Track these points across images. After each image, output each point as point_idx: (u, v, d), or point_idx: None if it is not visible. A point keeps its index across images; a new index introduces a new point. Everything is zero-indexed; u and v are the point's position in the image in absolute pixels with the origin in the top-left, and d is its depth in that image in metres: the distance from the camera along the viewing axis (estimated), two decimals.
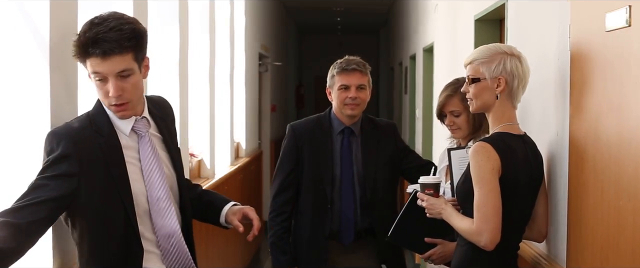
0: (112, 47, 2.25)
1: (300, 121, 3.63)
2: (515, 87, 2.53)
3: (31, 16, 2.54)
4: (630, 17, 2.02)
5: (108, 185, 2.36)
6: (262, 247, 8.85)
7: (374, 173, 3.46)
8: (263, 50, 9.69)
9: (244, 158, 7.80)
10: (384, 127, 3.59)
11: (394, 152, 3.54)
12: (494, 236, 2.41)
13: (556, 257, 2.71)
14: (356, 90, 3.41)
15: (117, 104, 2.34)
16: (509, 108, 2.55)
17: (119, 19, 2.31)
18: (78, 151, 2.31)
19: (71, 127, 2.38)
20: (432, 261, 3.08)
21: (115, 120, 2.42)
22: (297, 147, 3.50)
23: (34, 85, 2.55)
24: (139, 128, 2.46)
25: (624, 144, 2.06)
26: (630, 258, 2.01)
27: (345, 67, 3.42)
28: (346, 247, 3.47)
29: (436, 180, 2.78)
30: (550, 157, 2.75)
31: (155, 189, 2.45)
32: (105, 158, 2.36)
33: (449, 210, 2.61)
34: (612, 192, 2.14)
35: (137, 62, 2.35)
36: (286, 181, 3.51)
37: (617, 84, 2.13)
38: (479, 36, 4.48)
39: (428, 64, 7.44)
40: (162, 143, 2.56)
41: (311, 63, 18.97)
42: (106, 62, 2.27)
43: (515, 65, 2.52)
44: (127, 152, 2.43)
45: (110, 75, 2.29)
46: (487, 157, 2.43)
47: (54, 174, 2.27)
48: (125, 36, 2.28)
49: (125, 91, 2.33)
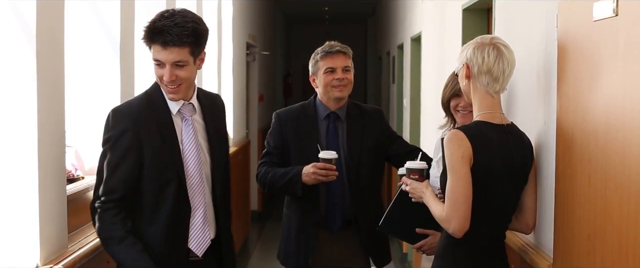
0: (173, 40, 2.58)
1: (285, 108, 3.64)
2: (476, 73, 2.54)
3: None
4: (618, 7, 2.02)
5: (164, 152, 2.70)
6: (250, 237, 8.85)
7: (358, 159, 3.46)
8: (251, 39, 9.66)
9: (231, 147, 7.78)
10: (370, 112, 3.59)
11: (379, 138, 3.54)
12: (461, 224, 2.43)
13: (543, 246, 2.72)
14: (342, 72, 3.41)
15: (169, 86, 2.66)
16: (485, 96, 2.56)
17: (185, 17, 2.62)
18: (135, 124, 2.67)
19: (130, 104, 2.77)
20: (423, 251, 3.09)
21: (167, 99, 2.74)
22: (283, 134, 3.50)
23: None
24: (184, 111, 2.77)
25: (611, 134, 2.06)
26: (617, 247, 2.02)
27: (328, 50, 3.44)
28: (333, 234, 3.48)
29: (422, 165, 2.79)
30: (538, 146, 2.76)
31: (190, 166, 2.74)
32: (159, 130, 2.70)
33: (428, 193, 2.65)
34: (599, 182, 2.14)
35: (193, 56, 2.66)
36: (270, 155, 3.52)
37: (604, 74, 2.14)
38: (467, 26, 4.48)
39: (416, 53, 7.44)
40: (204, 130, 2.83)
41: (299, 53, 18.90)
42: (165, 51, 2.61)
43: (474, 53, 2.54)
44: (176, 130, 2.75)
45: (167, 63, 2.62)
46: (457, 144, 2.45)
47: (123, 148, 2.65)
48: (185, 33, 2.59)
49: (178, 78, 2.64)
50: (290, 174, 3.37)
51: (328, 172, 3.27)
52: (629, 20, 1.98)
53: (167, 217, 2.70)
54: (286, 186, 3.39)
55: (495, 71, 2.53)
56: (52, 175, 2.69)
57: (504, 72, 2.54)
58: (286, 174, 3.39)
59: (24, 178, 2.56)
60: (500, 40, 2.58)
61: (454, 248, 2.55)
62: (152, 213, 2.70)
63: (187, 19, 2.62)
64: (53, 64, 2.71)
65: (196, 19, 2.67)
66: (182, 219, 2.73)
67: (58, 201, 2.77)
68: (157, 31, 2.59)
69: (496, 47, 2.54)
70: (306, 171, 3.30)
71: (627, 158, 1.96)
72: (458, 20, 4.63)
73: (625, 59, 1.99)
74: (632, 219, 1.92)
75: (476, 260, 2.56)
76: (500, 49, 2.54)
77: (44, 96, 2.61)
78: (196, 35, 2.63)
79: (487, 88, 2.55)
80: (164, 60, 2.62)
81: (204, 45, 2.72)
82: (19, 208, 2.57)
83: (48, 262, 2.62)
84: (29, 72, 2.54)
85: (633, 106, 1.93)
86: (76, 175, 3.41)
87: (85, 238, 3.05)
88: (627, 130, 1.96)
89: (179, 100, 2.73)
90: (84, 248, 2.91)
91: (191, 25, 2.61)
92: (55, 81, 2.73)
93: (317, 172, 3.27)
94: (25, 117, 2.55)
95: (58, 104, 2.77)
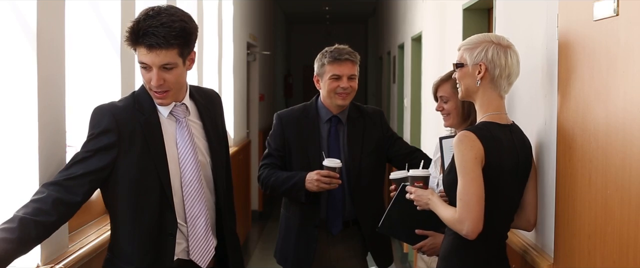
0: (159, 42, 2.39)
1: (287, 110, 3.63)
2: (496, 76, 2.52)
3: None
4: (618, 7, 2.02)
5: (145, 159, 2.50)
6: (250, 236, 8.85)
7: (359, 162, 3.45)
8: (251, 39, 9.66)
9: (232, 147, 7.78)
10: (370, 114, 3.58)
11: (380, 139, 3.53)
12: (475, 225, 2.41)
13: (544, 246, 2.72)
14: (348, 80, 3.40)
15: (156, 91, 2.48)
16: (495, 97, 2.55)
17: (172, 15, 2.43)
18: (118, 126, 2.48)
19: (115, 104, 2.57)
20: (423, 252, 3.08)
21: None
22: (284, 136, 3.50)
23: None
24: (177, 113, 2.60)
25: (612, 134, 2.06)
26: (617, 247, 2.02)
27: (337, 56, 3.40)
28: (334, 236, 3.48)
29: (426, 173, 2.78)
30: (539, 146, 2.76)
31: (187, 172, 2.58)
32: (144, 134, 2.51)
33: (435, 200, 2.62)
34: (600, 182, 2.14)
35: (182, 57, 2.48)
36: (272, 157, 3.51)
37: (604, 74, 2.14)
38: (468, 25, 4.48)
39: (416, 53, 7.44)
40: (202, 130, 2.68)
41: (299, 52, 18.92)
42: (151, 54, 2.42)
43: (498, 54, 2.51)
44: (166, 135, 2.58)
45: (154, 66, 2.44)
46: (470, 146, 2.43)
47: (95, 148, 2.46)
48: (172, 34, 2.40)
49: (166, 81, 2.47)
50: (293, 180, 3.36)
51: (332, 180, 3.28)
52: (629, 20, 1.98)
53: (147, 231, 2.51)
54: (289, 191, 3.39)
55: (513, 76, 2.54)
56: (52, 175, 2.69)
57: (518, 76, 2.56)
58: (289, 179, 3.38)
59: (24, 178, 2.56)
60: (511, 42, 2.58)
61: (462, 250, 2.53)
62: (131, 225, 2.52)
63: (174, 18, 2.42)
64: (53, 63, 2.71)
65: (185, 16, 2.48)
66: (167, 232, 2.53)
67: None
68: (142, 32, 2.39)
69: (514, 51, 2.54)
70: (310, 178, 3.29)
71: (627, 158, 1.96)
72: (459, 20, 4.63)
73: (626, 58, 1.98)
74: (633, 219, 1.92)
75: (484, 261, 2.54)
76: (516, 52, 2.55)
77: (45, 96, 2.61)
78: (184, 35, 2.45)
79: (502, 91, 2.54)
80: (151, 63, 2.42)
81: (193, 44, 2.53)
82: None
83: (48, 262, 2.62)
84: (29, 71, 2.54)
85: (634, 106, 1.93)
86: None
87: (85, 238, 3.05)
88: (628, 130, 1.96)
89: (169, 104, 2.56)
90: (84, 248, 2.91)
91: (178, 24, 2.42)
92: (55, 81, 2.73)
93: (321, 180, 3.28)
94: (26, 116, 2.55)
95: (58, 103, 2.76)
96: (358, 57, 3.49)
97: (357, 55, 3.48)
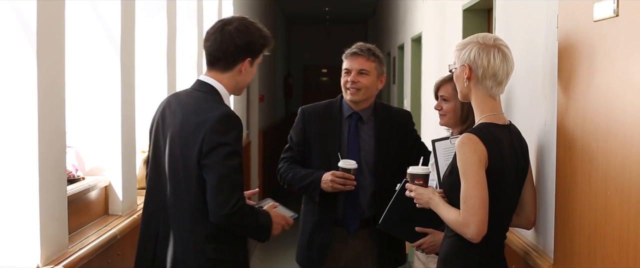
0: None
1: (311, 105, 3.65)
2: (480, 76, 2.50)
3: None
4: (618, 7, 2.02)
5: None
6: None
7: (385, 162, 3.46)
8: None
9: None
10: (398, 116, 3.59)
11: (405, 142, 3.53)
12: (480, 228, 2.41)
13: (545, 247, 2.72)
14: (356, 75, 3.41)
15: None
16: (489, 99, 2.53)
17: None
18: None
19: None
20: (422, 250, 3.09)
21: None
22: (305, 131, 3.53)
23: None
24: None
25: (612, 135, 2.06)
26: (617, 248, 2.02)
27: (349, 51, 3.47)
28: (351, 234, 3.48)
29: (425, 170, 2.78)
30: (539, 146, 2.76)
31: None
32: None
33: (436, 199, 2.61)
34: (600, 183, 2.14)
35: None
36: (292, 151, 3.55)
37: (604, 74, 2.14)
38: (467, 26, 4.48)
39: (416, 54, 7.44)
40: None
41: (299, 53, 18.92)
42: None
43: (479, 55, 2.49)
44: None
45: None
46: (473, 148, 2.42)
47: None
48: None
49: None
50: (309, 178, 3.41)
51: (346, 182, 3.30)
52: (629, 20, 1.98)
53: None
54: (305, 189, 3.45)
55: (500, 75, 2.50)
56: (52, 176, 2.69)
57: (508, 75, 2.53)
58: (306, 177, 3.43)
59: (24, 178, 2.56)
60: (502, 42, 2.55)
61: (464, 253, 2.52)
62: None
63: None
64: (53, 63, 2.71)
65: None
66: None
67: (58, 201, 2.77)
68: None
69: (501, 50, 2.50)
70: (325, 179, 3.34)
71: (627, 158, 1.96)
72: (458, 20, 4.63)
73: (626, 59, 1.98)
74: (633, 219, 1.92)
75: (485, 262, 2.54)
76: (504, 52, 2.51)
77: (45, 96, 2.61)
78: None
79: (490, 91, 2.53)
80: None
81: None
82: (20, 209, 2.56)
83: (49, 263, 2.62)
84: (29, 72, 2.54)
85: (634, 106, 1.93)
86: (77, 175, 3.41)
87: (86, 239, 3.05)
88: (628, 130, 1.96)
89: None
90: (84, 248, 2.91)
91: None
92: (55, 81, 2.73)
93: (335, 181, 3.31)
94: (26, 117, 2.55)
95: (58, 104, 2.76)
96: (374, 53, 3.47)
97: (372, 51, 3.47)
